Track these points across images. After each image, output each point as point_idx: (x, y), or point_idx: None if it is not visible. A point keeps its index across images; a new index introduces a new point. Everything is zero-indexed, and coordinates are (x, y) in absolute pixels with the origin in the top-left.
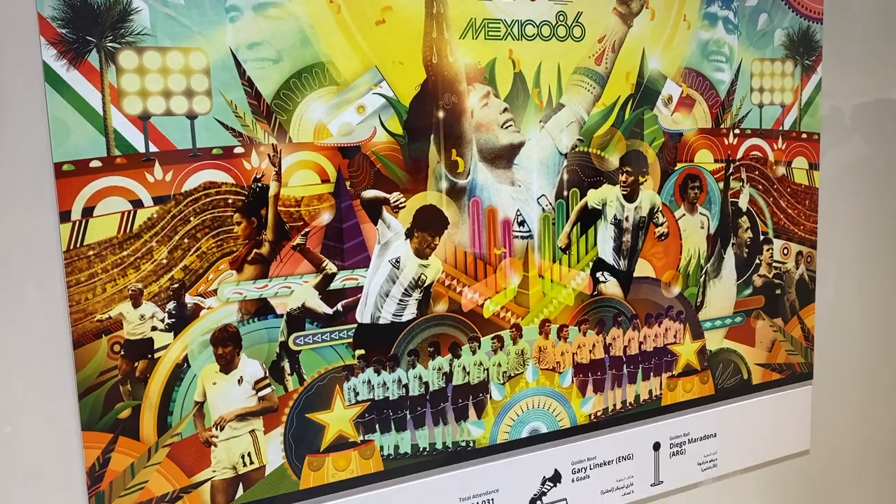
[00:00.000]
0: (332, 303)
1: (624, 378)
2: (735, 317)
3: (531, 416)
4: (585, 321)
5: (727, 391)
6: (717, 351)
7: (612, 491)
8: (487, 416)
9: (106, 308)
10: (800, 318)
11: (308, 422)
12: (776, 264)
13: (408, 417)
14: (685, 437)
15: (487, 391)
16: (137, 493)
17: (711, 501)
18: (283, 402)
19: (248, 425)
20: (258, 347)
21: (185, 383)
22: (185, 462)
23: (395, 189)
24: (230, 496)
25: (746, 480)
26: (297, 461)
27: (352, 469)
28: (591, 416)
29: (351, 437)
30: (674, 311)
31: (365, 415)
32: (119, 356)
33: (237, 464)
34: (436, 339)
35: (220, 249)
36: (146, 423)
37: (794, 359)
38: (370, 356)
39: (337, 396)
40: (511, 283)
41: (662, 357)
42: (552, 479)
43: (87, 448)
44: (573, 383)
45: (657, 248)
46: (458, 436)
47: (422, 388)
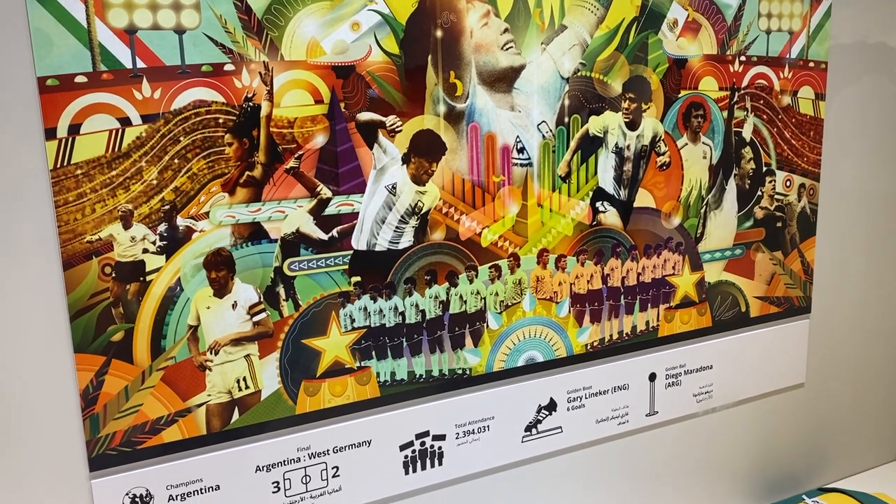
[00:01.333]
0: (328, 229)
1: (621, 309)
2: (735, 249)
3: (527, 346)
4: (584, 251)
5: (724, 323)
6: (715, 283)
7: (608, 420)
8: (484, 345)
9: (96, 229)
10: (800, 251)
11: (304, 347)
12: (778, 196)
13: (404, 345)
14: (681, 369)
15: (484, 320)
16: (132, 416)
17: (706, 433)
18: (279, 327)
19: (243, 350)
20: (252, 272)
21: (179, 307)
22: (180, 386)
23: (391, 112)
24: (226, 420)
25: (741, 412)
26: (293, 386)
27: (348, 395)
28: (588, 346)
29: (347, 363)
30: (673, 242)
31: (361, 341)
32: (110, 278)
33: (232, 388)
34: (433, 267)
35: (212, 171)
36: (139, 347)
37: (792, 292)
38: (366, 283)
39: (333, 323)
40: (509, 212)
41: (660, 288)
42: (547, 407)
43: (80, 370)
44: (570, 313)
45: (658, 178)
46: (454, 363)
47: (418, 315)
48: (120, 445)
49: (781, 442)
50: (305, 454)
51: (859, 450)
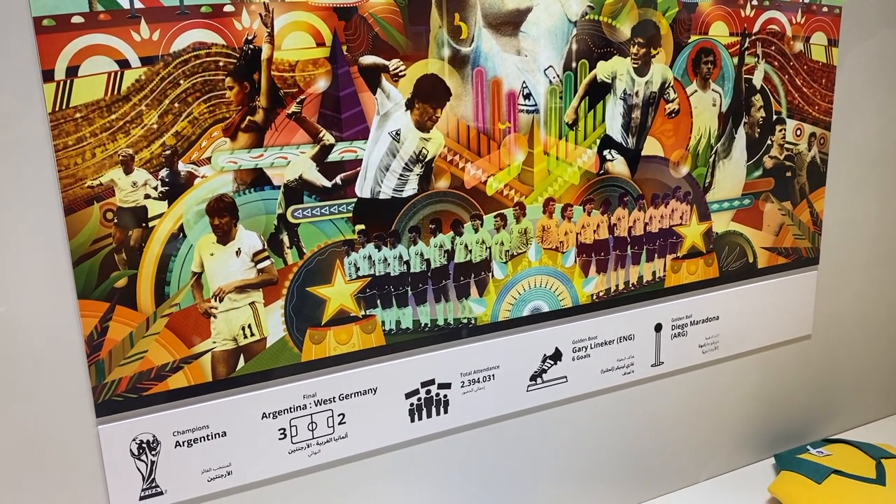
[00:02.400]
0: (331, 176)
1: (628, 259)
2: (743, 199)
3: (533, 295)
4: (590, 201)
5: (732, 274)
6: (723, 233)
7: (613, 370)
8: (489, 295)
9: (96, 174)
10: (809, 201)
11: (308, 295)
12: (788, 145)
13: (409, 294)
14: (687, 320)
15: (489, 269)
16: (137, 363)
17: (711, 384)
18: (283, 275)
19: (248, 297)
20: (255, 219)
21: (182, 253)
22: (185, 333)
23: (394, 55)
24: (231, 367)
25: (747, 364)
26: (299, 334)
27: (353, 343)
28: (593, 297)
29: (352, 311)
30: (681, 191)
31: (366, 290)
32: (112, 224)
33: (237, 335)
34: (437, 216)
35: (213, 115)
36: (143, 293)
37: (800, 243)
38: (370, 231)
39: (337, 271)
40: (515, 160)
41: (668, 238)
42: (552, 356)
43: (84, 317)
44: (576, 263)
45: (667, 126)
46: (459, 313)
47: (423, 264)
48: (126, 392)
49: (787, 393)
50: (311, 401)
51: (865, 402)
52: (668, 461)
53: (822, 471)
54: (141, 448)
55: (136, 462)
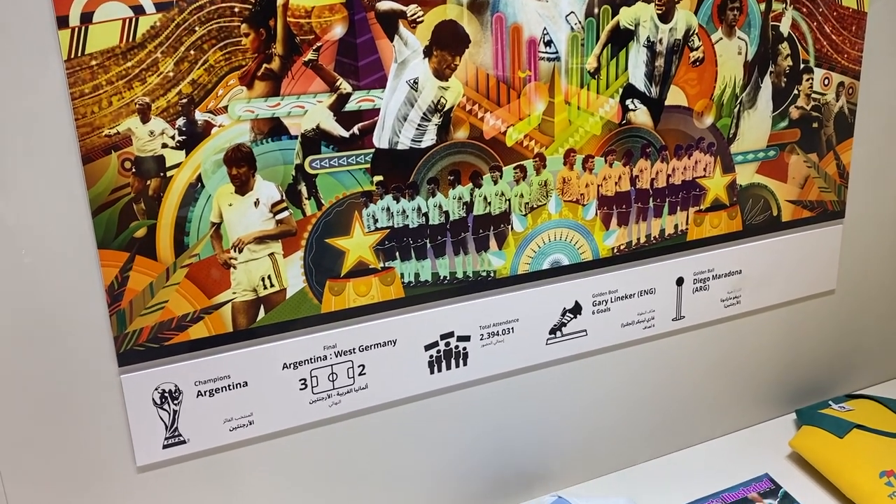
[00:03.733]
0: (348, 125)
1: (649, 212)
2: (768, 150)
3: (553, 248)
4: (612, 152)
5: (755, 228)
6: (747, 186)
7: (633, 324)
8: (508, 247)
9: (113, 122)
10: (836, 153)
11: (327, 247)
12: (815, 95)
13: (428, 246)
14: (709, 273)
15: (509, 222)
16: (158, 313)
17: (733, 338)
18: (302, 226)
19: (267, 248)
20: (273, 169)
21: (201, 203)
22: (205, 283)
23: (411, 1)
24: (251, 318)
25: (769, 319)
26: (318, 285)
27: (373, 295)
28: (614, 250)
29: (371, 263)
30: (705, 142)
31: (385, 242)
32: (130, 173)
33: (257, 286)
34: (456, 167)
35: (229, 63)
36: (163, 243)
37: (826, 196)
38: (389, 183)
39: (356, 223)
40: (536, 110)
41: (690, 191)
42: (572, 310)
43: (104, 266)
44: (597, 216)
45: (691, 75)
46: (478, 266)
47: (442, 217)
48: (147, 342)
49: (809, 348)
50: (332, 352)
51: (889, 357)
52: (689, 415)
53: (844, 425)
54: (163, 397)
55: (158, 411)
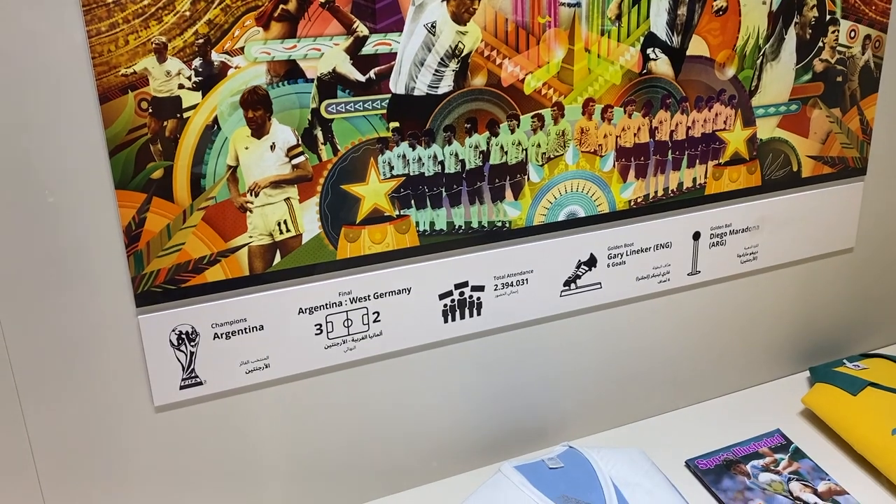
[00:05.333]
0: (365, 70)
1: (668, 164)
2: (790, 104)
3: (569, 200)
4: (632, 102)
5: (774, 183)
6: (767, 140)
7: (648, 278)
8: (524, 198)
9: (130, 62)
10: (859, 108)
11: (343, 193)
12: (840, 48)
13: (443, 195)
14: (727, 229)
15: (525, 172)
16: (175, 255)
17: (749, 295)
18: (318, 171)
19: (283, 193)
20: (289, 113)
21: (217, 146)
22: (221, 226)
23: None
24: (268, 262)
25: (786, 276)
26: (334, 231)
27: (388, 243)
28: (631, 203)
29: (386, 210)
30: (726, 94)
31: (400, 190)
32: (147, 114)
33: (273, 231)
34: (473, 114)
35: (245, 3)
36: (179, 185)
37: (848, 152)
38: (405, 130)
39: (371, 169)
40: (555, 57)
41: (710, 144)
42: (587, 262)
43: (121, 207)
44: (614, 168)
45: (714, 25)
46: (494, 216)
47: (458, 165)
48: (164, 283)
49: (825, 307)
50: (347, 299)
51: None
52: (702, 370)
53: (858, 383)
54: (180, 339)
55: (175, 352)
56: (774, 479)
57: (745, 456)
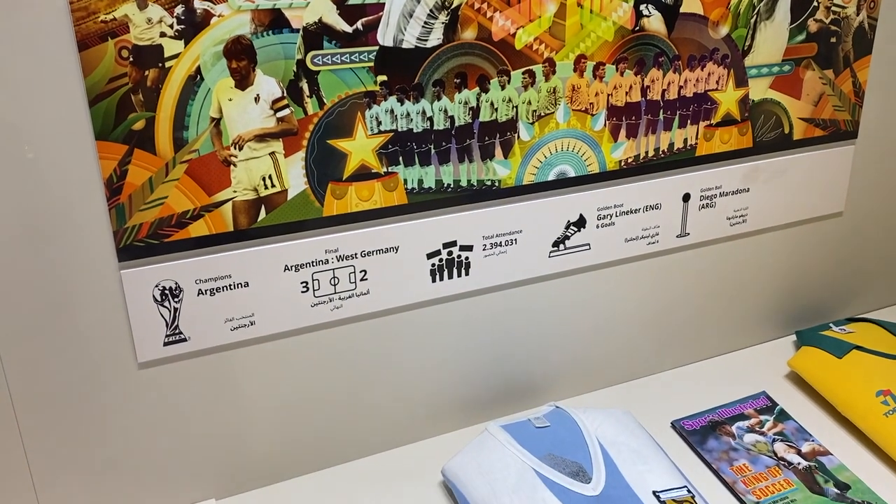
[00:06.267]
0: (352, 20)
1: (659, 124)
2: (783, 65)
3: (559, 159)
4: (624, 59)
5: (766, 145)
6: (759, 101)
7: (637, 240)
8: (514, 157)
9: (110, 7)
10: (852, 70)
11: (329, 148)
12: (835, 8)
13: (432, 152)
14: (717, 191)
15: (515, 130)
16: (158, 209)
17: (737, 258)
18: (303, 125)
19: (268, 147)
20: (274, 64)
21: (200, 97)
22: (205, 180)
23: None
24: (252, 218)
25: (774, 239)
26: (320, 188)
27: (375, 200)
28: (622, 163)
29: (374, 167)
30: (719, 54)
31: (388, 146)
32: (128, 63)
33: (258, 186)
34: (463, 69)
35: None
36: (161, 137)
37: (840, 115)
38: (392, 83)
39: (359, 124)
40: (547, 11)
41: (702, 104)
42: (576, 223)
43: (102, 159)
44: (605, 127)
45: None
46: (483, 174)
47: (447, 122)
48: (147, 237)
49: (813, 271)
50: (333, 256)
51: (893, 283)
52: (689, 333)
53: (844, 346)
54: (164, 294)
55: (159, 308)
56: (759, 439)
57: (731, 417)
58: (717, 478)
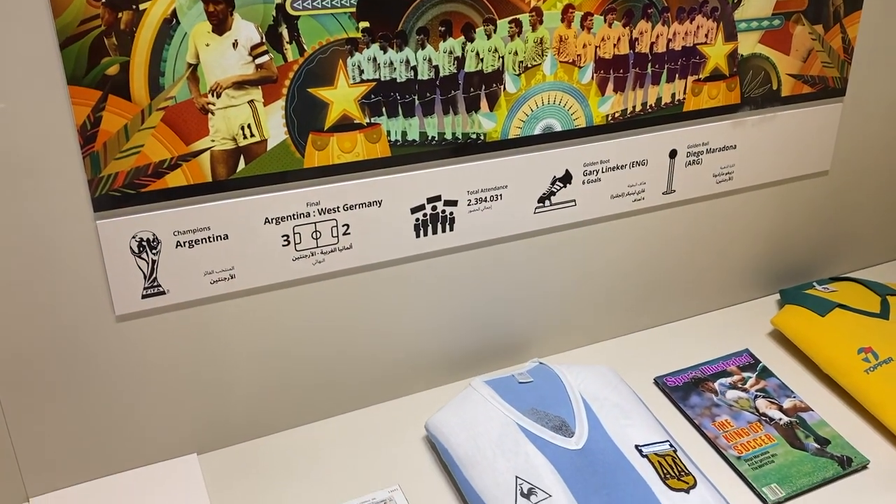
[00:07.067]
0: None
1: (647, 78)
2: (773, 19)
3: (546, 112)
4: (612, 10)
5: (754, 101)
6: (748, 56)
7: (623, 196)
8: (500, 109)
9: None
10: (842, 26)
11: (310, 97)
12: None
13: (416, 103)
14: (703, 147)
15: (501, 82)
16: (134, 157)
17: (722, 215)
18: (283, 73)
19: (247, 95)
20: (253, 8)
21: (176, 42)
22: (182, 128)
23: None
24: (231, 168)
25: (760, 197)
26: (300, 138)
27: (358, 152)
28: (609, 117)
29: (356, 118)
30: (708, 6)
31: (371, 95)
32: (100, 4)
33: (237, 135)
34: (448, 17)
35: None
36: (136, 83)
37: (828, 72)
38: (375, 31)
39: (340, 72)
40: None
41: (690, 58)
42: (562, 179)
43: (75, 104)
44: (593, 80)
45: None
46: (468, 127)
47: (431, 72)
48: (123, 187)
49: (798, 229)
50: (315, 209)
51: (878, 243)
52: (673, 291)
53: (827, 305)
54: (141, 246)
55: (136, 260)
56: (741, 396)
57: (714, 374)
58: (699, 433)
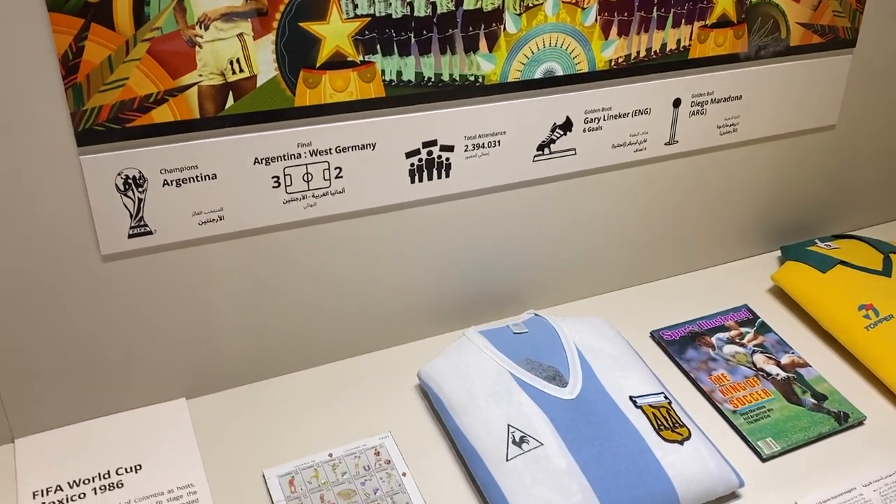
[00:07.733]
0: None
1: (652, 22)
2: None
3: (547, 56)
4: None
5: (761, 50)
6: (757, 3)
7: (624, 146)
8: (499, 51)
9: None
10: None
11: (301, 31)
12: None
13: (412, 41)
14: (708, 97)
15: (501, 21)
16: (118, 90)
17: (725, 168)
18: (273, 5)
19: (236, 28)
20: None
21: None
22: (168, 61)
23: None
24: (220, 105)
25: (764, 150)
26: (291, 75)
27: (351, 91)
28: (612, 63)
29: (349, 55)
30: None
31: (365, 32)
32: None
33: (225, 70)
34: None
35: None
36: (121, 11)
37: (839, 21)
38: None
39: (333, 6)
40: None
41: (698, 2)
42: (563, 126)
43: (56, 33)
44: (597, 22)
45: None
46: (466, 69)
47: (428, 8)
48: (108, 121)
49: (802, 185)
50: (306, 150)
51: (881, 200)
52: (673, 245)
53: (828, 261)
54: (127, 184)
55: (122, 198)
56: (739, 350)
57: (711, 329)
58: (695, 386)
